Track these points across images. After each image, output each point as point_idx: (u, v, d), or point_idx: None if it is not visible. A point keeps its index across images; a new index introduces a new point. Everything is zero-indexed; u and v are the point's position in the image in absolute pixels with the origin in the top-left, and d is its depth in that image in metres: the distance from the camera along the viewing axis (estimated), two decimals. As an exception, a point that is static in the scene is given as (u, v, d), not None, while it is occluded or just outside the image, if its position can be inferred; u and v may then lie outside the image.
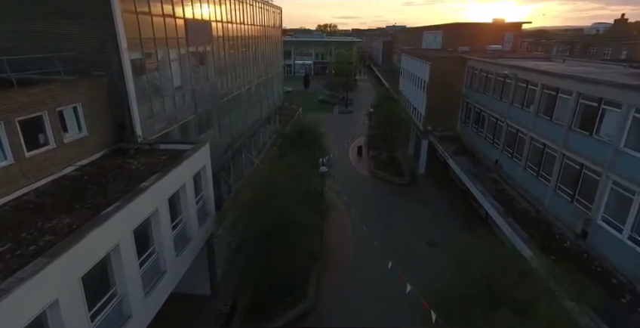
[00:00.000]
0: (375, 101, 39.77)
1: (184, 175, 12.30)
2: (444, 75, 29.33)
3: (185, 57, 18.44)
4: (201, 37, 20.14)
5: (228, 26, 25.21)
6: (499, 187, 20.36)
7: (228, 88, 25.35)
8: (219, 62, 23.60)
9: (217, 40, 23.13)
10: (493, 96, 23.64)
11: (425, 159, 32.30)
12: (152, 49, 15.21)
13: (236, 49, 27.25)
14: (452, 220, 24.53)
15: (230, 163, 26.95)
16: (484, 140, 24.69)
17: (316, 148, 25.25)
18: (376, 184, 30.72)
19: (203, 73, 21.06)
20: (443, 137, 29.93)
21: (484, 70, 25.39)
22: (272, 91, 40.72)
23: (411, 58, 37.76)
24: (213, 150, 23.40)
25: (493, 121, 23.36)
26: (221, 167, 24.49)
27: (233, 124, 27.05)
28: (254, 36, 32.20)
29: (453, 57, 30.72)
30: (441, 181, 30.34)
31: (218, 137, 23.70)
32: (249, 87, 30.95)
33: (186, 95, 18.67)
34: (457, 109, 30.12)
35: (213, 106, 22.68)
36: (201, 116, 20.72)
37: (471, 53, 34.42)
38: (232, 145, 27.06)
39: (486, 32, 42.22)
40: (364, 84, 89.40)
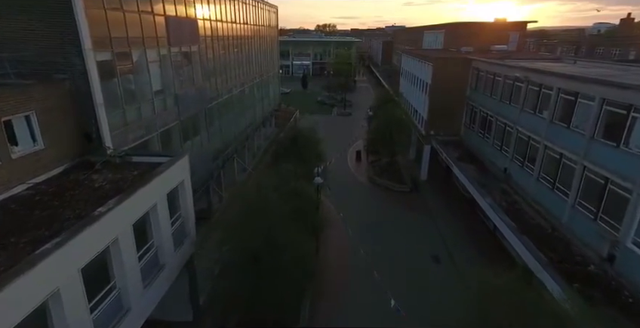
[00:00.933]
0: (374, 104, 38.20)
1: (155, 194, 10.68)
2: (448, 76, 27.74)
3: (166, 58, 16.83)
4: (185, 36, 18.53)
5: (218, 24, 23.60)
6: (509, 199, 18.76)
7: (218, 90, 23.75)
8: (207, 63, 22.00)
9: (205, 40, 21.53)
10: (501, 100, 22.05)
11: (427, 165, 30.69)
12: (126, 49, 13.59)
13: (227, 49, 25.65)
14: (457, 231, 22.93)
15: (221, 170, 25.38)
16: (491, 147, 23.10)
17: (312, 155, 23.65)
18: (376, 192, 29.11)
19: (188, 75, 19.44)
20: (446, 142, 28.35)
21: (490, 72, 23.80)
22: (267, 92, 39.12)
23: (412, 59, 36.19)
24: (202, 158, 21.87)
25: (502, 126, 21.77)
26: (210, 175, 22.92)
27: (224, 129, 25.44)
28: (247, 36, 30.61)
29: (456, 57, 29.15)
30: (444, 188, 28.74)
31: (207, 143, 22.10)
32: (242, 89, 29.35)
33: (168, 100, 17.06)
34: (461, 112, 28.55)
35: (201, 110, 21.07)
36: (187, 121, 19.10)
37: (475, 53, 32.85)
38: (223, 151, 25.47)
39: (490, 32, 40.66)
40: (364, 85, 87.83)
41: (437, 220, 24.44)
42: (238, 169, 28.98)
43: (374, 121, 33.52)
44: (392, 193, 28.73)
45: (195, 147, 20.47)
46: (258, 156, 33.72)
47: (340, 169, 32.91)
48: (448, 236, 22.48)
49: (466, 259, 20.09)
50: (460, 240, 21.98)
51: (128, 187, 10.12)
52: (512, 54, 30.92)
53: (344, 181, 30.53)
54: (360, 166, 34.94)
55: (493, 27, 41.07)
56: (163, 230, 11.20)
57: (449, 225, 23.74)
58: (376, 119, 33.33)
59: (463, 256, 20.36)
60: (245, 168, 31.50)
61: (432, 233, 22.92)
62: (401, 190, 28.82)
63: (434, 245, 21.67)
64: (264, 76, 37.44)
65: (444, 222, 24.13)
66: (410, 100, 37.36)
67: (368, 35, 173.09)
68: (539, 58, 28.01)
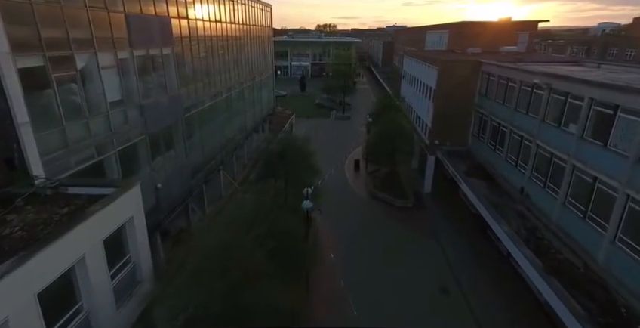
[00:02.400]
0: (374, 109, 35.61)
1: (81, 245, 8.16)
2: (455, 81, 25.20)
3: (128, 63, 14.31)
4: (153, 37, 16.01)
5: (198, 24, 21.08)
6: (528, 225, 16.21)
7: (198, 97, 21.22)
8: (184, 67, 19.48)
9: (182, 41, 19.02)
10: (516, 109, 19.50)
11: (431, 177, 28.17)
12: (66, 52, 11.07)
13: (210, 51, 23.13)
14: (465, 256, 20.40)
15: (203, 185, 22.88)
16: (504, 161, 20.54)
17: (303, 171, 21.10)
18: (375, 207, 26.55)
19: (159, 82, 16.92)
20: (452, 153, 25.81)
21: (503, 77, 21.24)
22: (260, 96, 36.58)
23: (415, 61, 33.63)
24: (177, 174, 19.36)
25: (517, 139, 19.22)
26: (188, 193, 20.42)
27: (207, 139, 22.92)
28: (236, 36, 28.09)
29: (464, 60, 26.60)
30: (449, 203, 26.19)
31: (183, 157, 19.57)
32: (229, 95, 26.82)
33: (130, 111, 14.53)
34: (469, 120, 25.99)
35: (176, 121, 18.55)
36: (156, 135, 16.57)
37: (482, 55, 30.30)
38: (206, 164, 22.96)
39: (497, 32, 38.17)
40: (364, 86, 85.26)
41: (443, 242, 21.88)
42: (225, 182, 26.50)
43: (374, 128, 30.96)
44: (393, 208, 26.17)
45: (169, 163, 17.96)
46: (249, 166, 31.20)
47: (337, 180, 30.42)
48: (456, 261, 19.93)
49: (477, 291, 17.59)
50: (470, 267, 19.44)
51: (42, 238, 7.61)
52: (523, 55, 28.34)
53: (340, 195, 28.01)
54: (358, 176, 32.40)
55: (501, 27, 38.55)
56: (97, 287, 8.67)
57: (457, 248, 21.18)
58: (376, 126, 30.76)
59: (474, 287, 17.86)
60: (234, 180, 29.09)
61: (439, 258, 20.37)
62: (403, 205, 26.27)
63: (441, 272, 19.12)
64: (256, 79, 34.94)
65: (451, 244, 21.57)
66: (412, 106, 34.80)
67: (369, 35, 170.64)
68: (555, 61, 25.47)
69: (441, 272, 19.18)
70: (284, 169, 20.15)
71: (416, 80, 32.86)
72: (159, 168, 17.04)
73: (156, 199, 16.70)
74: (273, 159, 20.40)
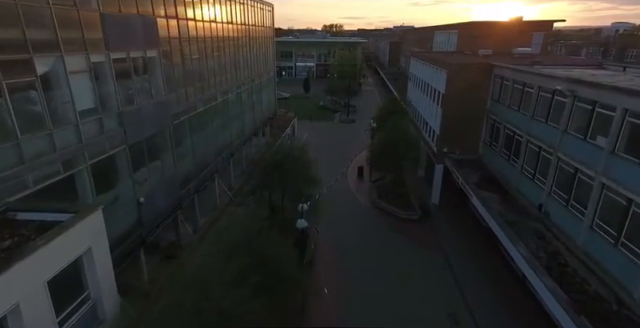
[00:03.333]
0: (378, 113, 33.96)
1: (15, 292, 6.72)
2: (465, 85, 23.52)
3: (103, 67, 12.93)
4: (136, 38, 14.63)
5: (190, 24, 19.70)
6: (549, 249, 14.52)
7: (189, 103, 19.83)
8: (174, 71, 18.11)
9: (171, 42, 17.63)
10: (534, 117, 17.81)
11: (439, 187, 26.49)
12: (21, 56, 9.69)
13: (204, 53, 21.74)
14: (477, 278, 18.72)
15: (195, 196, 21.48)
16: (519, 174, 18.85)
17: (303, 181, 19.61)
18: (379, 219, 24.95)
19: (142, 87, 15.54)
20: (462, 162, 24.12)
21: (519, 81, 19.55)
22: (259, 100, 35.19)
23: (423, 63, 31.97)
24: (163, 186, 17.93)
25: (535, 150, 17.53)
26: (177, 205, 19.02)
27: (199, 147, 21.53)
28: (233, 37, 26.70)
29: (475, 63, 24.89)
30: (459, 216, 24.46)
31: (172, 168, 18.18)
32: (225, 98, 25.43)
33: (107, 120, 13.15)
34: (480, 127, 24.30)
35: (164, 128, 17.17)
36: (139, 145, 15.19)
37: (495, 57, 28.55)
38: (199, 173, 21.58)
39: (509, 32, 36.22)
40: (369, 88, 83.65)
41: (452, 260, 20.23)
42: (220, 191, 25.09)
43: (378, 134, 29.38)
44: (398, 221, 24.55)
45: (154, 175, 16.58)
46: (247, 172, 29.77)
47: (339, 188, 28.82)
48: (467, 284, 18.27)
49: (491, 321, 15.92)
50: (482, 291, 17.76)
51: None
52: (540, 58, 26.54)
53: (342, 204, 26.48)
54: (362, 184, 30.81)
55: (514, 27, 36.62)
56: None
57: (467, 268, 19.51)
58: (381, 132, 29.18)
59: (487, 316, 16.18)
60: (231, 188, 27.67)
61: (447, 280, 18.72)
62: (409, 217, 24.63)
63: (450, 297, 17.48)
64: (256, 81, 33.54)
65: (460, 264, 19.90)
66: (419, 110, 33.12)
67: (375, 35, 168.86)
68: (576, 64, 23.66)
69: (450, 296, 17.55)
70: (279, 181, 18.69)
71: (423, 83, 31.20)
72: (142, 180, 15.65)
73: (139, 214, 15.32)
74: (268, 170, 18.85)
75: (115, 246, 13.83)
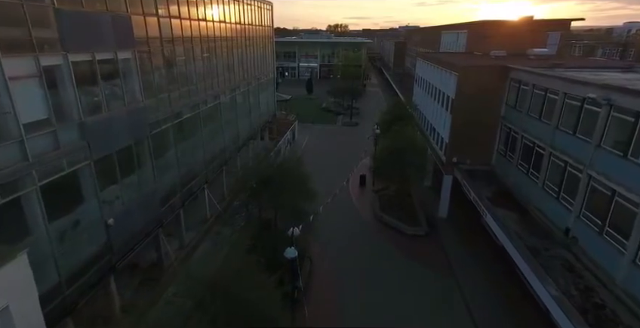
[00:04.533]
0: (382, 118, 31.88)
1: None
2: (477, 89, 21.45)
3: (60, 71, 11.11)
4: (103, 37, 12.77)
5: (174, 22, 17.86)
6: (581, 285, 12.44)
7: (173, 109, 17.98)
8: (153, 74, 16.26)
9: (150, 42, 15.79)
10: (558, 127, 15.73)
11: (447, 199, 24.44)
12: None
13: (191, 54, 19.90)
14: (492, 308, 16.65)
15: (181, 211, 19.65)
16: (540, 191, 16.76)
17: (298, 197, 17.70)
18: (382, 235, 22.91)
19: (112, 93, 13.69)
20: (473, 173, 22.07)
21: (540, 87, 17.46)
22: (257, 103, 33.32)
23: (430, 65, 29.90)
24: (140, 203, 16.03)
25: (559, 165, 15.45)
26: (158, 223, 17.17)
27: (185, 157, 19.69)
28: (227, 37, 24.83)
29: (489, 66, 22.81)
30: (469, 232, 22.41)
31: (151, 182, 16.33)
32: (216, 103, 23.56)
33: (64, 133, 11.30)
34: (493, 135, 22.22)
35: (141, 139, 15.32)
36: (109, 158, 13.36)
37: (509, 59, 26.45)
38: (184, 186, 19.73)
39: (523, 32, 34.05)
40: (373, 89, 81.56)
41: (462, 284, 18.18)
42: (210, 203, 23.21)
43: (382, 141, 27.36)
44: (403, 237, 22.51)
45: (128, 192, 14.73)
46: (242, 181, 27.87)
47: (339, 198, 26.77)
48: (481, 316, 16.21)
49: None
50: (497, 322, 15.72)
51: None
52: (559, 59, 24.36)
53: (342, 218, 24.49)
54: (364, 194, 28.81)
55: (528, 26, 34.43)
56: None
57: (480, 294, 17.46)
58: (385, 139, 27.17)
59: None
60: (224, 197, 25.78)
61: (458, 310, 16.67)
62: (415, 233, 22.58)
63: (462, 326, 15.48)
64: (253, 84, 31.67)
65: (472, 288, 17.86)
66: (426, 114, 31.04)
67: (380, 35, 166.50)
68: (601, 66, 21.49)
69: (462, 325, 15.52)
70: (271, 197, 16.79)
71: (431, 86, 29.12)
72: (112, 199, 13.81)
73: (107, 238, 13.47)
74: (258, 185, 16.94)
75: (77, 275, 12.04)
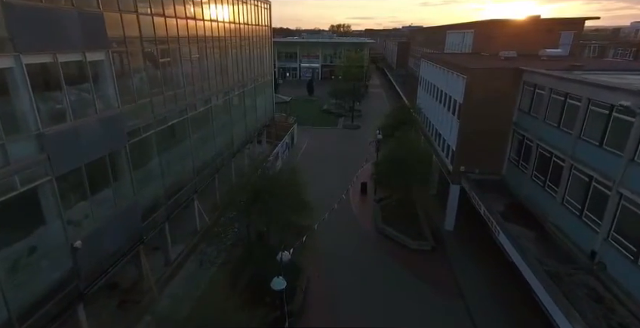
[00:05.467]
0: (385, 121, 30.28)
1: None
2: (488, 93, 19.85)
3: (13, 75, 9.62)
4: (67, 36, 11.27)
5: (158, 20, 16.39)
6: (613, 320, 10.80)
7: (156, 116, 16.48)
8: (131, 78, 14.77)
9: (128, 42, 14.31)
10: (581, 137, 14.09)
11: (454, 211, 22.84)
12: None
13: (178, 55, 18.42)
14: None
15: (166, 224, 18.19)
16: (560, 207, 15.13)
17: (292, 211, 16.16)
18: (384, 249, 21.32)
19: (80, 100, 12.19)
20: (482, 183, 20.47)
21: (559, 91, 15.83)
22: (253, 106, 31.85)
23: (435, 66, 28.29)
24: (118, 220, 14.52)
25: (583, 180, 13.81)
26: (138, 240, 15.69)
27: (172, 166, 18.25)
28: (219, 37, 23.34)
29: (502, 68, 21.18)
30: (478, 246, 20.75)
31: (130, 196, 14.84)
32: (207, 107, 22.08)
33: (16, 147, 9.81)
34: (504, 143, 20.59)
35: (115, 150, 13.82)
36: (75, 174, 11.87)
37: (520, 60, 24.84)
38: (170, 197, 18.26)
39: (533, 32, 32.42)
40: (376, 90, 79.98)
41: (473, 310, 16.55)
42: (199, 215, 21.72)
43: (384, 148, 25.78)
44: (407, 252, 20.91)
45: (101, 209, 13.24)
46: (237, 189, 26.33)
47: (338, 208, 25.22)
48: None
49: None
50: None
51: None
52: (575, 61, 22.67)
53: (341, 230, 22.88)
54: (365, 204, 27.24)
55: (538, 26, 32.75)
56: None
57: (492, 322, 15.83)
58: (387, 145, 25.60)
59: None
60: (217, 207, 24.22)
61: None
62: (420, 248, 20.98)
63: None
64: (249, 86, 30.20)
65: (484, 314, 16.23)
66: (431, 119, 29.42)
67: (383, 35, 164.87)
68: (624, 69, 19.82)
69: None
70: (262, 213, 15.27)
71: (436, 90, 27.50)
72: (80, 218, 12.32)
73: (74, 262, 11.96)
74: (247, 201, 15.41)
75: (35, 308, 10.54)
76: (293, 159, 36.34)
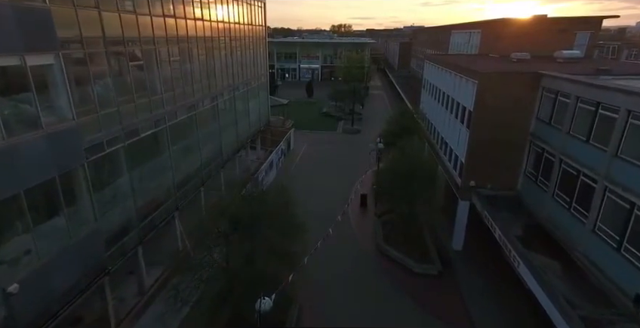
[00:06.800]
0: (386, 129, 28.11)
1: None
2: (501, 101, 17.74)
3: None
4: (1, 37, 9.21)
5: (127, 18, 14.31)
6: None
7: (124, 127, 14.38)
8: (91, 85, 12.66)
9: (87, 44, 12.22)
10: (619, 155, 11.95)
11: (463, 230, 20.71)
12: None
13: (154, 58, 16.33)
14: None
15: (139, 248, 16.09)
16: (591, 235, 12.97)
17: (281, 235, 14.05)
18: (385, 274, 19.16)
19: (18, 113, 10.11)
20: (494, 200, 18.39)
21: (589, 100, 13.69)
22: (245, 111, 29.78)
23: (441, 69, 26.15)
24: (73, 253, 12.35)
25: (623, 207, 11.66)
26: (99, 271, 13.58)
27: (146, 183, 16.16)
28: (205, 37, 21.25)
29: (517, 72, 19.02)
30: (490, 270, 18.67)
31: (90, 223, 12.75)
32: (191, 115, 20.00)
33: None
34: (520, 155, 18.47)
35: (69, 170, 11.74)
36: (12, 203, 9.78)
37: (535, 62, 22.70)
38: (146, 217, 16.19)
39: (545, 32, 30.28)
40: (377, 92, 77.80)
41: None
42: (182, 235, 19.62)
43: (386, 159, 23.65)
44: (411, 277, 18.75)
45: (48, 242, 11.12)
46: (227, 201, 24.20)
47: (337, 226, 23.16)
48: None
49: None
50: None
51: None
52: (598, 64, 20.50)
53: (339, 249, 20.71)
54: (365, 218, 25.11)
55: (550, 25, 30.60)
56: None
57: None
58: (389, 154, 23.47)
59: None
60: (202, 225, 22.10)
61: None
62: (425, 272, 18.83)
63: None
64: (240, 89, 28.12)
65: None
66: (436, 126, 27.27)
67: (385, 35, 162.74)
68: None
69: None
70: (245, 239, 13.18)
71: (442, 94, 25.36)
72: (18, 256, 10.22)
73: (8, 311, 9.86)
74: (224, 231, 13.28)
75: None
76: (288, 167, 34.28)
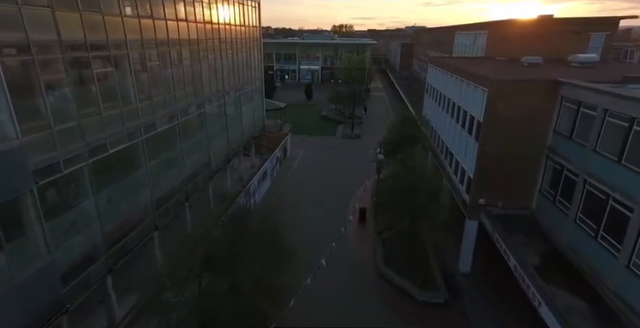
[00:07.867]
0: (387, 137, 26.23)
1: None
2: (515, 111, 15.94)
3: None
4: None
5: (93, 18, 12.58)
6: None
7: (87, 143, 12.63)
8: (44, 95, 10.92)
9: (36, 48, 10.48)
10: (662, 181, 10.14)
11: (471, 250, 18.90)
12: None
13: (126, 64, 14.58)
14: None
15: (107, 278, 14.33)
16: (625, 271, 11.15)
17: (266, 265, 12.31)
18: (386, 302, 17.34)
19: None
20: (506, 219, 16.60)
21: (619, 114, 11.88)
22: (238, 117, 28.04)
23: (446, 74, 24.32)
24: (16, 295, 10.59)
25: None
26: (55, 310, 11.81)
27: (112, 205, 14.36)
28: (189, 39, 19.50)
29: (532, 79, 17.19)
30: (501, 296, 16.84)
31: (44, 256, 11.00)
32: (171, 125, 18.25)
33: None
34: (535, 171, 16.66)
35: (13, 197, 9.99)
36: None
37: (549, 67, 20.88)
38: (114, 244, 14.42)
39: (556, 33, 28.45)
40: (378, 94, 76.06)
41: None
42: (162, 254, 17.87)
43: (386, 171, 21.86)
44: (414, 305, 16.95)
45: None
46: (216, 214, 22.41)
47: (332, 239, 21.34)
48: None
49: None
50: None
51: None
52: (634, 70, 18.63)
53: (334, 271, 18.88)
54: (364, 235, 23.30)
55: (562, 26, 28.76)
56: None
57: None
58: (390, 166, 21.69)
59: None
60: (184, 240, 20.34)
61: None
62: (430, 300, 17.01)
63: None
64: (232, 95, 26.37)
65: None
66: (441, 134, 25.43)
67: (386, 35, 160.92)
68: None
69: None
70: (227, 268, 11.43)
71: (447, 102, 23.52)
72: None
73: None
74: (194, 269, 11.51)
75: None
76: (284, 175, 32.54)
